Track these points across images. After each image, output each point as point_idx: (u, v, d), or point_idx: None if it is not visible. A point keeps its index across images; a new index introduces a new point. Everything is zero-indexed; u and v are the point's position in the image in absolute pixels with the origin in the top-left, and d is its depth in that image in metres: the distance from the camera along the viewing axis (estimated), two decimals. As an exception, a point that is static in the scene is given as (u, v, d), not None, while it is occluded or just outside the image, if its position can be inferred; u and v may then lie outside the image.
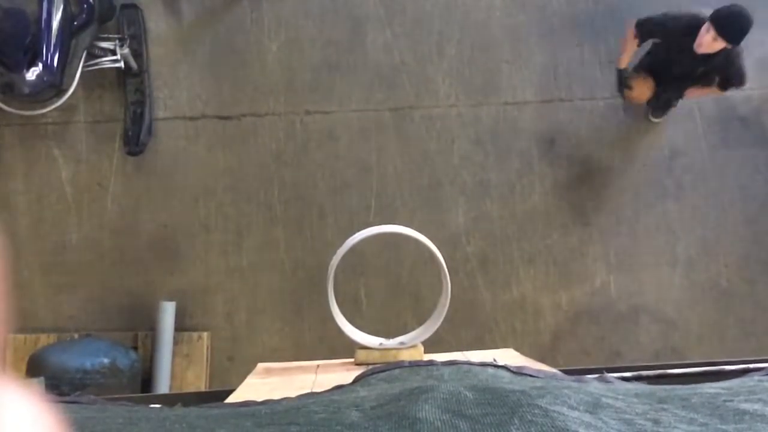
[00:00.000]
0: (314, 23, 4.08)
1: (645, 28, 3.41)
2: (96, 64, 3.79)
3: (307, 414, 0.98)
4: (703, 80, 3.55)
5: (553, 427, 0.95)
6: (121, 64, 3.81)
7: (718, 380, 1.39)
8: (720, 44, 3.11)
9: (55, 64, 3.46)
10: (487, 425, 0.96)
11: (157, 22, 4.05)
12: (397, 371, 1.44)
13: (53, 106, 3.73)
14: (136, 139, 3.91)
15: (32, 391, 0.33)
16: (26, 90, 3.45)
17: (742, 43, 3.27)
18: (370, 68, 4.06)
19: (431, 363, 1.53)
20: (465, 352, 2.29)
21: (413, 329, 2.40)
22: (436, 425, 0.95)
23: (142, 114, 3.93)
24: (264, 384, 1.91)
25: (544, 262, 4.04)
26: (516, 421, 0.96)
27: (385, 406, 1.01)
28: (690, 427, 1.01)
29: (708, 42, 3.09)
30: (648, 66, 3.64)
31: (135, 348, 3.81)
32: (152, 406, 1.22)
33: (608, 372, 1.60)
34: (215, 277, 3.96)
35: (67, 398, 1.30)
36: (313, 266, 3.89)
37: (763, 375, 1.38)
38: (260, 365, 2.38)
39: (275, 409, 1.06)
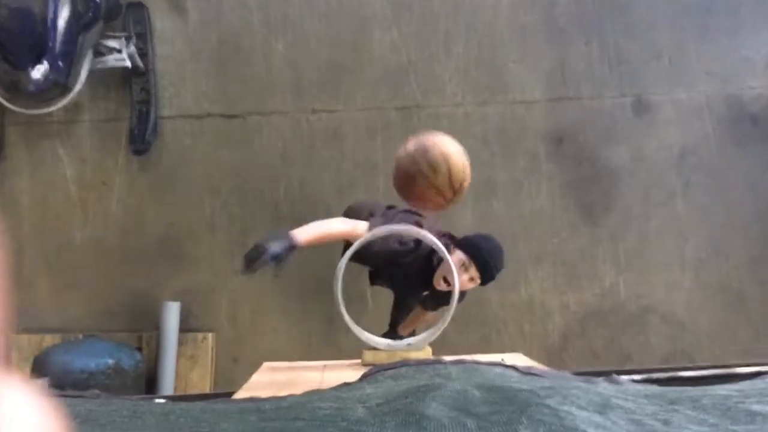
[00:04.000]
0: (321, 22, 4.07)
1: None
2: (102, 62, 3.79)
3: (313, 410, 0.97)
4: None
5: (561, 426, 0.93)
6: (127, 63, 3.81)
7: (729, 383, 1.37)
8: (474, 284, 2.33)
9: (61, 62, 3.47)
10: (494, 423, 0.94)
11: (163, 21, 4.06)
12: (404, 369, 1.42)
13: (59, 105, 3.74)
14: (141, 137, 3.91)
15: (36, 388, 0.33)
16: (32, 88, 3.46)
17: None
18: (377, 67, 4.05)
19: (438, 361, 1.52)
20: (473, 356, 2.27)
21: (421, 330, 2.39)
22: (443, 422, 0.93)
23: (147, 113, 3.93)
24: (270, 383, 1.90)
25: (552, 263, 4.01)
26: (524, 420, 0.94)
27: (391, 403, 1.00)
28: (701, 428, 0.99)
29: (464, 282, 2.27)
30: None
31: (139, 349, 3.80)
32: (157, 400, 1.21)
33: (618, 375, 1.58)
34: (220, 278, 3.95)
35: (71, 392, 1.29)
36: (318, 266, 3.87)
37: (776, 376, 1.36)
38: (266, 364, 2.37)
39: (280, 404, 1.04)
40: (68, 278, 3.93)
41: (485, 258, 2.25)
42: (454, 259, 2.24)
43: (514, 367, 1.47)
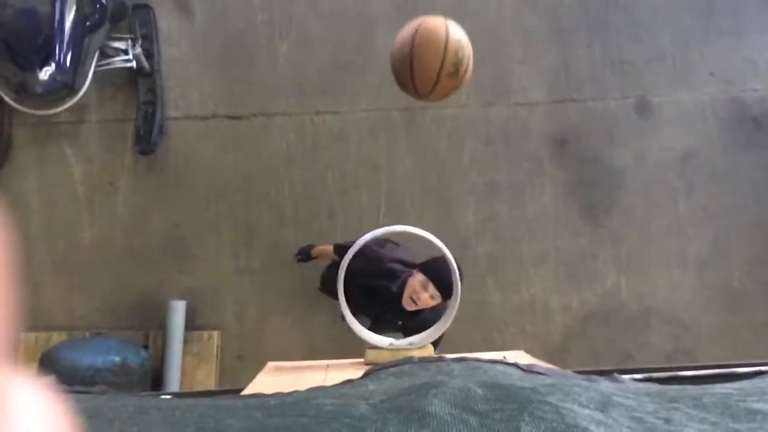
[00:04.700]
0: (325, 23, 4.09)
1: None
2: (108, 63, 3.81)
3: (317, 406, 0.98)
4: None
5: (563, 423, 0.94)
6: (133, 64, 3.83)
7: (729, 381, 1.37)
8: (436, 301, 2.62)
9: (68, 63, 3.48)
10: (496, 421, 0.95)
11: (168, 22, 4.08)
12: (406, 367, 1.43)
13: (65, 106, 3.76)
14: (147, 138, 3.93)
15: (42, 383, 0.34)
16: (39, 89, 3.47)
17: None
18: (381, 68, 4.05)
19: (441, 359, 1.53)
20: (474, 353, 2.28)
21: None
22: (445, 419, 0.94)
23: (153, 113, 3.96)
24: (274, 383, 1.91)
25: (555, 263, 4.02)
26: (526, 417, 0.95)
27: (394, 400, 1.01)
28: (701, 426, 1.00)
29: (425, 299, 2.58)
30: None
31: (145, 347, 3.82)
32: (163, 396, 1.22)
33: (619, 374, 1.58)
34: (225, 277, 3.97)
35: (77, 388, 1.31)
36: (323, 266, 3.89)
37: (776, 375, 1.37)
38: (270, 364, 2.38)
39: (285, 401, 1.06)
40: (75, 277, 3.96)
41: (441, 279, 2.49)
42: (416, 279, 2.56)
43: (515, 365, 1.48)
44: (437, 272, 2.54)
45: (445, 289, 2.51)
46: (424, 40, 2.17)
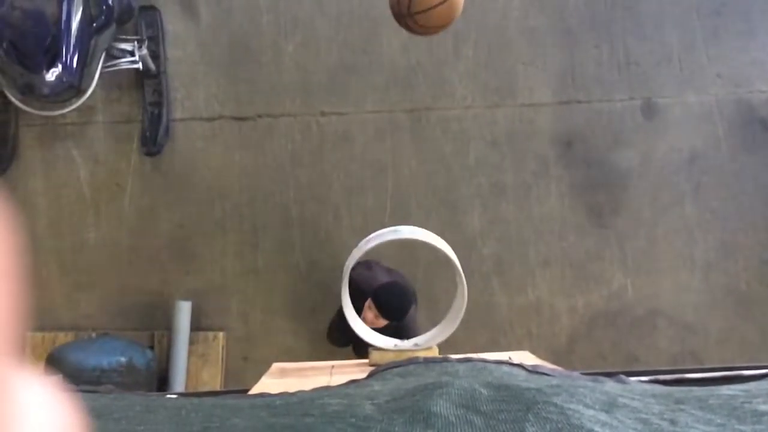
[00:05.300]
0: (330, 24, 4.09)
1: None
2: (114, 65, 3.82)
3: (322, 406, 0.98)
4: None
5: (568, 424, 0.94)
6: (140, 66, 3.84)
7: (735, 383, 1.37)
8: (383, 321, 2.86)
9: (75, 65, 3.49)
10: (501, 421, 0.95)
11: (174, 24, 4.09)
12: (411, 367, 1.43)
13: (72, 107, 3.77)
14: (153, 139, 3.94)
15: (50, 381, 0.34)
16: (46, 91, 3.48)
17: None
18: (386, 69, 4.07)
19: (446, 359, 1.52)
20: (480, 354, 2.28)
21: (428, 331, 2.40)
22: (450, 420, 0.94)
23: (159, 115, 3.97)
24: (279, 384, 1.92)
25: (561, 265, 4.01)
26: (531, 418, 0.95)
27: (399, 400, 1.01)
28: (707, 428, 0.99)
29: (371, 319, 2.82)
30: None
31: (151, 347, 3.83)
32: (169, 396, 1.22)
33: (625, 376, 1.58)
34: (231, 278, 3.98)
35: (85, 387, 1.31)
36: (328, 267, 3.90)
37: (783, 377, 1.36)
38: (275, 365, 2.38)
39: (290, 400, 1.06)
40: (82, 277, 3.97)
41: (380, 301, 2.81)
42: (368, 301, 2.83)
43: (521, 366, 1.48)
44: (378, 296, 2.83)
45: (385, 312, 2.81)
46: None
